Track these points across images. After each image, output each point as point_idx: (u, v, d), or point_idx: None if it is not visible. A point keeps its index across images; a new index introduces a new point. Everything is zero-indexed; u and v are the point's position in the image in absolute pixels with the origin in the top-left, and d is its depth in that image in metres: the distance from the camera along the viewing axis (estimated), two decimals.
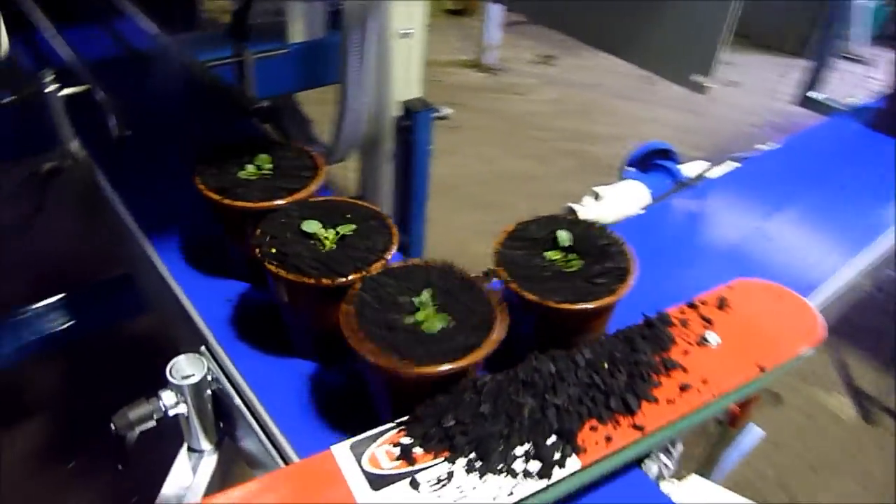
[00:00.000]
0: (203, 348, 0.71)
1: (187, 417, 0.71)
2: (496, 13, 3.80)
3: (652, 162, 1.10)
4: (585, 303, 0.60)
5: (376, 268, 0.63)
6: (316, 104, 2.02)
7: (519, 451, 0.51)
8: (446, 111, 1.92)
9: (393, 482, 0.49)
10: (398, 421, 0.54)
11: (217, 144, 0.77)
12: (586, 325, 0.64)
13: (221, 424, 0.74)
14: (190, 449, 0.75)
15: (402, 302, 0.59)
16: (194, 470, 0.74)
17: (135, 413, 0.66)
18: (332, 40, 1.71)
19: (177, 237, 0.84)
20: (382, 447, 0.52)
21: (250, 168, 0.77)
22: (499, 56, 3.98)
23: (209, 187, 0.73)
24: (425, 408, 0.53)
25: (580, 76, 3.99)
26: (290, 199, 0.72)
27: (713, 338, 0.63)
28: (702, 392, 0.58)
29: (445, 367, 0.52)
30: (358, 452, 0.51)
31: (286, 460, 0.61)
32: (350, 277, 0.62)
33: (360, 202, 0.71)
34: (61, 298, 1.85)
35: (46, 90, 0.84)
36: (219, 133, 1.05)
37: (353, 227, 0.68)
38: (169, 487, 0.72)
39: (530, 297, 0.60)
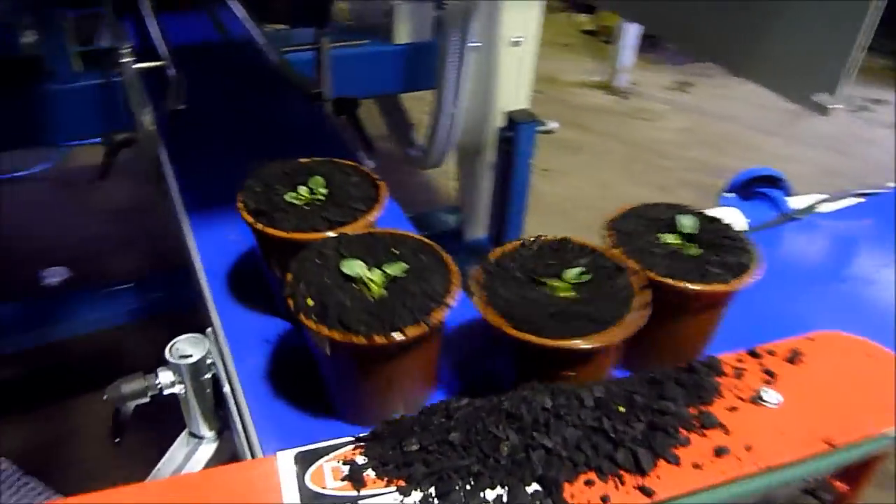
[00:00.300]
0: (209, 330, 0.68)
1: (186, 399, 0.68)
2: (631, 35, 3.65)
3: (755, 190, 0.95)
4: (702, 284, 0.55)
5: (437, 317, 0.51)
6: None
7: (489, 494, 0.42)
8: (552, 125, 1.83)
9: None
10: (360, 436, 0.47)
11: (272, 160, 0.71)
12: (696, 317, 0.59)
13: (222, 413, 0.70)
14: (191, 434, 0.72)
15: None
16: (190, 456, 0.71)
17: (128, 386, 0.64)
18: (436, 44, 1.69)
19: (222, 243, 0.79)
20: (332, 462, 0.45)
21: (302, 190, 0.67)
22: (630, 79, 3.82)
23: (248, 207, 0.65)
24: (388, 425, 0.45)
25: (716, 105, 3.73)
26: (333, 231, 0.62)
27: (772, 396, 0.51)
28: (742, 461, 0.46)
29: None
30: (304, 463, 0.45)
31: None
32: (408, 334, 0.49)
33: (407, 234, 0.60)
34: (156, 274, 1.95)
35: (122, 60, 0.86)
36: (287, 125, 1.04)
37: (404, 266, 0.56)
38: (162, 468, 0.70)
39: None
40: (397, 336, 0.48)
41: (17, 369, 1.82)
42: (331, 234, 0.61)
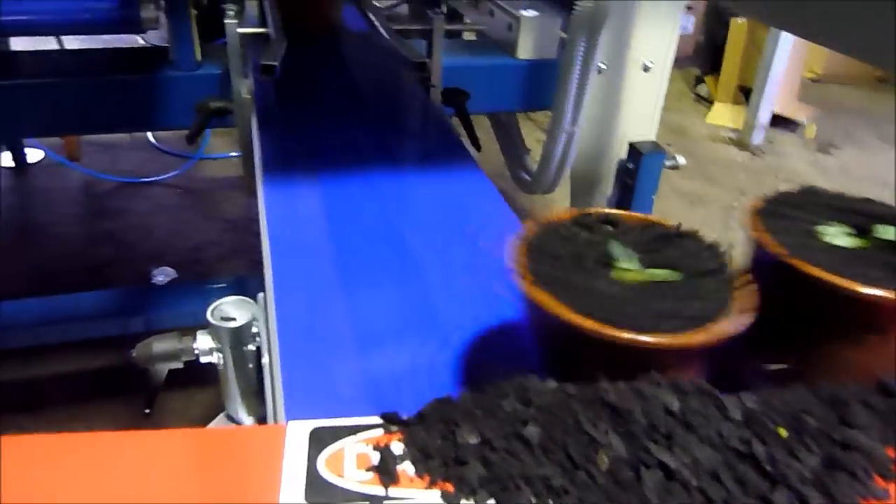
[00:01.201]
0: (260, 295, 0.58)
1: (225, 372, 0.58)
2: (770, 89, 3.41)
3: None
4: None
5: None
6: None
7: None
8: (680, 160, 1.67)
9: (343, 501, 0.30)
10: (400, 417, 0.34)
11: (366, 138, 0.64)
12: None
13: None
14: (228, 417, 0.62)
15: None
16: None
17: (160, 345, 0.55)
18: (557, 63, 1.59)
19: (292, 212, 0.71)
20: (359, 445, 0.32)
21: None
22: (767, 137, 3.55)
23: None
24: (440, 405, 0.33)
25: (862, 170, 3.38)
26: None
27: None
28: None
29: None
30: (321, 442, 0.33)
31: None
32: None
33: None
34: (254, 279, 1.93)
35: (226, 20, 0.82)
36: (390, 107, 0.96)
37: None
38: None
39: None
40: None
41: (112, 356, 1.84)
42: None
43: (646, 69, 1.56)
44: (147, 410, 0.59)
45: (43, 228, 2.57)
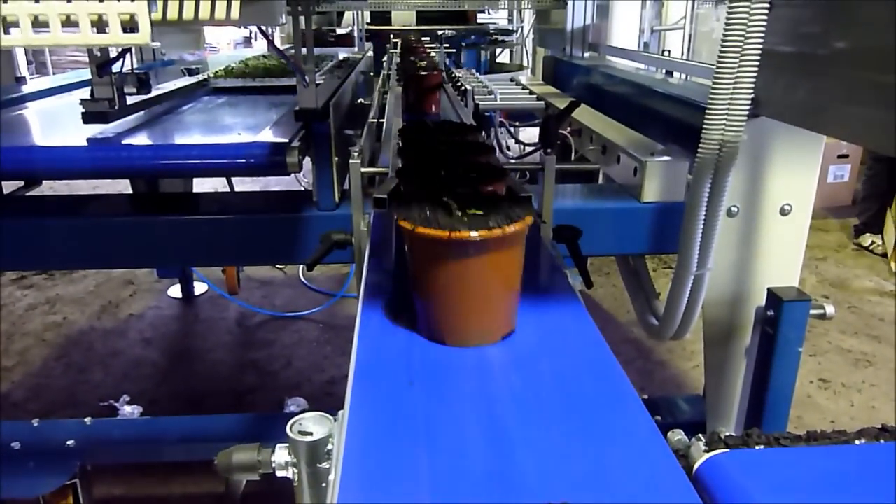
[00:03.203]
0: (340, 412, 0.58)
1: (300, 489, 0.58)
2: None
3: None
4: None
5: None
6: None
7: None
8: (829, 310, 1.53)
9: None
10: None
11: None
12: None
13: None
14: None
15: None
16: None
17: (239, 456, 0.56)
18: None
19: (382, 342, 0.71)
20: None
21: None
22: None
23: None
24: None
25: None
26: None
27: None
28: None
29: None
30: None
31: None
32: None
33: None
34: None
35: (351, 161, 0.90)
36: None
37: None
38: None
39: None
40: None
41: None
42: None
43: (784, 212, 1.49)
44: None
45: (200, 354, 2.82)
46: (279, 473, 0.57)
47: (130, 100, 1.41)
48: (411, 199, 0.66)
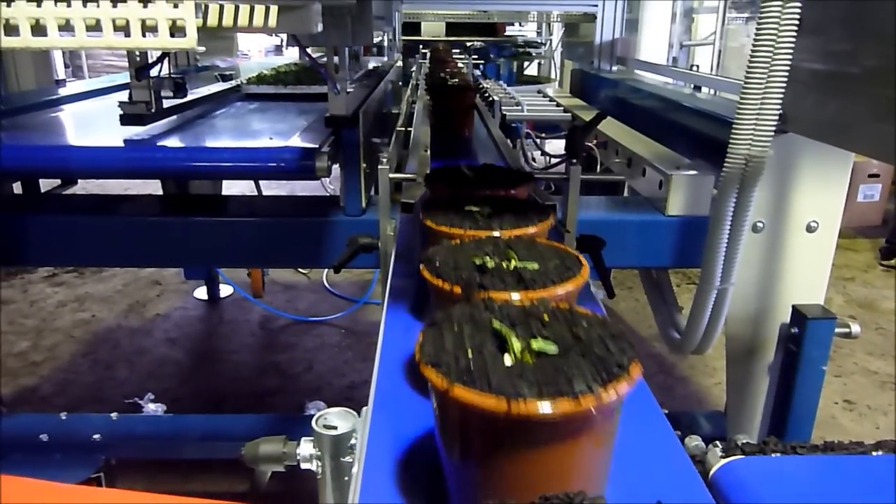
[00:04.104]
0: (364, 409, 0.60)
1: (323, 481, 0.59)
2: None
3: None
4: None
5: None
6: None
7: None
8: (854, 329, 1.51)
9: None
10: None
11: None
12: None
13: None
14: None
15: None
16: None
17: (265, 448, 0.58)
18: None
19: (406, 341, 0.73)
20: None
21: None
22: None
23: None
24: None
25: None
26: None
27: None
28: None
29: None
30: None
31: None
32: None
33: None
34: None
35: (380, 167, 0.92)
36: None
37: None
38: None
39: None
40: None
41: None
42: None
43: (810, 229, 1.48)
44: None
45: (223, 355, 2.86)
46: (303, 466, 0.58)
47: (166, 104, 1.45)
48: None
